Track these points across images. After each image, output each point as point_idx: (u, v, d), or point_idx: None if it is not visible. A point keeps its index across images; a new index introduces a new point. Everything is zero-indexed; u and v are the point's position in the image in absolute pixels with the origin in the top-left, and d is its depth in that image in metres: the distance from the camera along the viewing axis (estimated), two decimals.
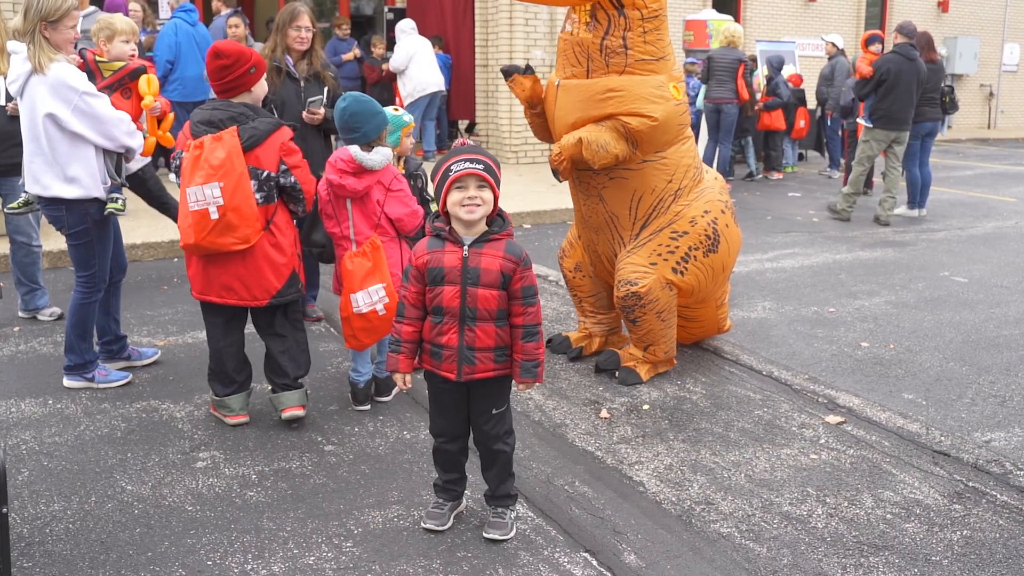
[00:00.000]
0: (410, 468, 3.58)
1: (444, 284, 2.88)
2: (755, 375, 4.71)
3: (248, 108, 3.75)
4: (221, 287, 3.77)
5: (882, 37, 10.64)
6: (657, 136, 4.19)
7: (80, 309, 4.25)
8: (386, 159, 3.91)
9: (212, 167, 3.56)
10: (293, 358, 3.95)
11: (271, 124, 3.73)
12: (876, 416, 4.18)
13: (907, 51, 8.90)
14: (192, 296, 3.92)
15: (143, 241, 7.12)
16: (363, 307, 3.82)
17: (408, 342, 2.97)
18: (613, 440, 3.87)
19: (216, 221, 3.59)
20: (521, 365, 2.92)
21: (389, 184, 3.95)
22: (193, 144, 3.64)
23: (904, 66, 8.82)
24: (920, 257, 7.64)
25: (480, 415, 3.03)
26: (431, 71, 11.24)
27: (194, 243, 3.64)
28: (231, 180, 3.57)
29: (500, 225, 2.93)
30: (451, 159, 2.86)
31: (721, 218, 4.49)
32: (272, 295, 3.80)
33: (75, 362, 4.32)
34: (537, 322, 2.93)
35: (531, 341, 2.92)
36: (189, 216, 3.62)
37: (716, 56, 10.97)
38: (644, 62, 4.13)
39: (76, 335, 4.27)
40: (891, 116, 8.91)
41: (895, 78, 8.79)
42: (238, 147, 3.60)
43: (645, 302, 4.35)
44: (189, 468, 3.57)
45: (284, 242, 3.82)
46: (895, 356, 5.09)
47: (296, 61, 5.00)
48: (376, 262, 3.85)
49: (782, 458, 3.75)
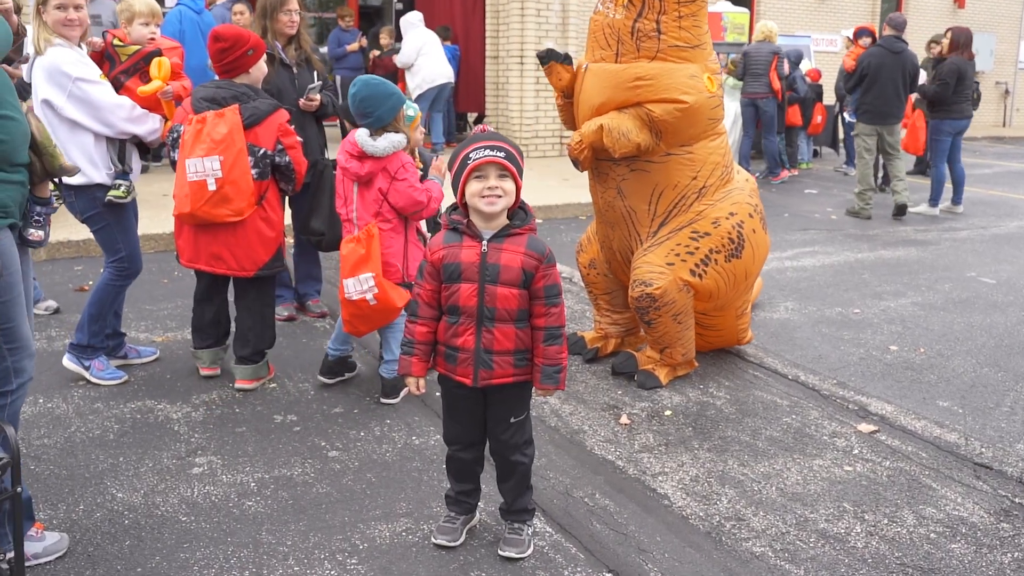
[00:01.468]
0: (419, 477, 3.37)
1: (461, 281, 2.66)
2: (780, 379, 4.49)
3: (250, 89, 3.97)
4: (211, 256, 3.97)
5: (871, 31, 10.45)
6: (683, 127, 3.95)
7: (103, 289, 4.14)
8: (393, 146, 3.75)
9: (214, 141, 3.75)
10: (258, 334, 4.15)
11: (271, 105, 3.97)
12: (911, 425, 3.95)
13: (892, 44, 8.73)
14: (180, 263, 4.10)
15: (144, 233, 6.89)
16: (353, 294, 3.76)
17: (422, 343, 2.75)
18: (634, 448, 3.65)
19: (213, 193, 3.78)
20: (542, 370, 2.70)
21: (395, 173, 3.78)
22: (196, 118, 3.81)
23: (887, 59, 8.66)
24: (944, 257, 7.39)
25: (497, 423, 2.81)
26: (439, 63, 11.00)
27: (189, 212, 3.82)
28: (231, 154, 3.76)
29: (522, 219, 2.71)
30: (470, 146, 2.64)
31: (748, 222, 4.24)
32: (259, 267, 4.02)
33: (80, 341, 4.16)
34: (560, 324, 2.71)
35: (553, 344, 2.70)
36: (187, 186, 3.80)
37: (751, 51, 10.82)
38: (678, 49, 3.89)
39: (90, 314, 4.13)
40: (875, 110, 8.85)
41: (876, 72, 8.66)
42: (239, 124, 3.80)
43: (660, 304, 4.12)
44: (184, 474, 3.36)
45: (274, 218, 4.04)
46: (926, 361, 4.86)
47: (283, 47, 4.81)
48: (369, 250, 3.75)
49: (814, 469, 3.52)
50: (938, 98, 8.89)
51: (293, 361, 4.57)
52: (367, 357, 4.65)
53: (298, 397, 4.11)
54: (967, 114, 9.10)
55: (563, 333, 2.72)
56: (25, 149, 2.64)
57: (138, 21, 4.23)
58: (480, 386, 2.70)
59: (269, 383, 4.25)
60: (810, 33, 16.62)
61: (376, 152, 3.73)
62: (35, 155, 2.71)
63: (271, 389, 4.19)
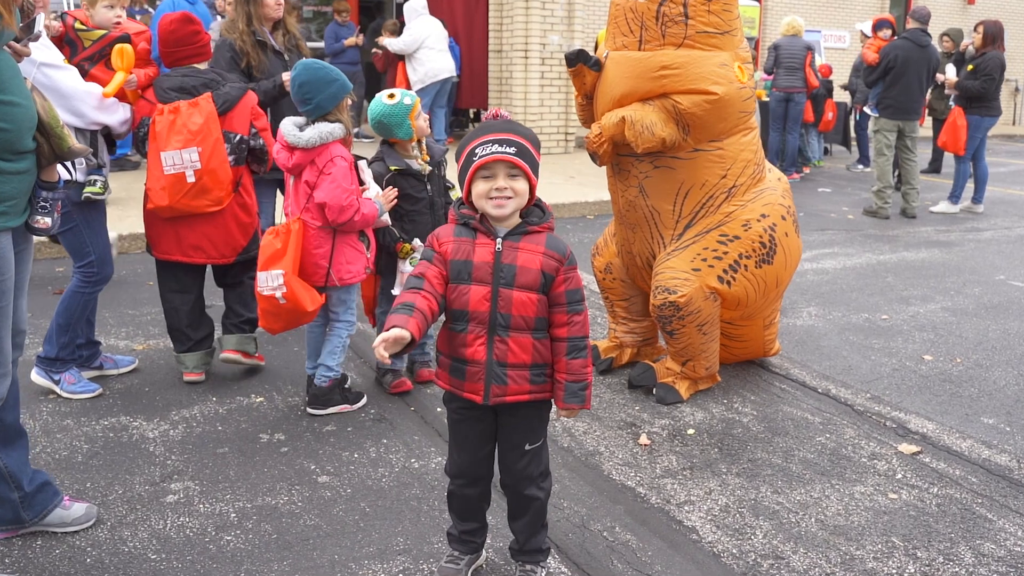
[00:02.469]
0: (419, 507, 3.02)
1: (471, 282, 2.30)
2: (810, 393, 4.15)
3: (217, 74, 3.89)
4: (189, 247, 3.86)
5: (891, 22, 10.10)
6: (712, 121, 3.60)
7: (71, 298, 3.81)
8: (321, 137, 3.47)
9: (191, 132, 3.64)
10: (244, 302, 4.08)
11: (240, 89, 3.88)
12: (956, 445, 3.61)
13: (918, 37, 8.39)
14: (153, 256, 3.94)
15: (130, 232, 6.56)
16: (263, 289, 3.53)
17: (421, 310, 2.23)
18: (656, 473, 3.31)
19: (192, 184, 3.67)
20: (566, 387, 2.35)
21: (323, 166, 3.50)
22: (168, 108, 3.68)
23: (914, 53, 8.32)
24: (970, 259, 7.04)
25: (510, 450, 2.45)
26: (443, 56, 10.59)
27: (167, 205, 3.70)
28: (208, 144, 3.66)
29: (539, 216, 2.37)
30: (477, 139, 2.29)
31: (781, 225, 3.89)
32: (239, 252, 3.94)
33: (48, 354, 3.84)
34: (585, 334, 2.36)
35: (578, 357, 2.35)
36: (163, 179, 3.67)
37: (783, 44, 10.51)
38: (706, 35, 3.53)
39: (58, 324, 3.81)
40: (898, 105, 8.52)
41: (903, 65, 8.30)
42: (215, 113, 3.70)
43: (685, 313, 3.78)
44: (157, 503, 3.01)
45: (250, 202, 3.97)
46: (964, 372, 4.51)
47: (271, 32, 4.50)
48: (285, 246, 3.51)
49: (856, 497, 3.18)
50: (982, 93, 8.52)
51: (283, 372, 4.23)
52: (363, 368, 4.31)
53: (287, 413, 3.77)
54: (1000, 110, 8.78)
55: (588, 344, 2.38)
56: (31, 136, 2.46)
57: (102, 4, 3.84)
58: (492, 404, 2.34)
59: (256, 397, 3.92)
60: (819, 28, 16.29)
61: (299, 143, 3.46)
62: (42, 137, 2.52)
63: (257, 404, 3.85)
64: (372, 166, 3.79)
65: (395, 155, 3.82)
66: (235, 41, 4.45)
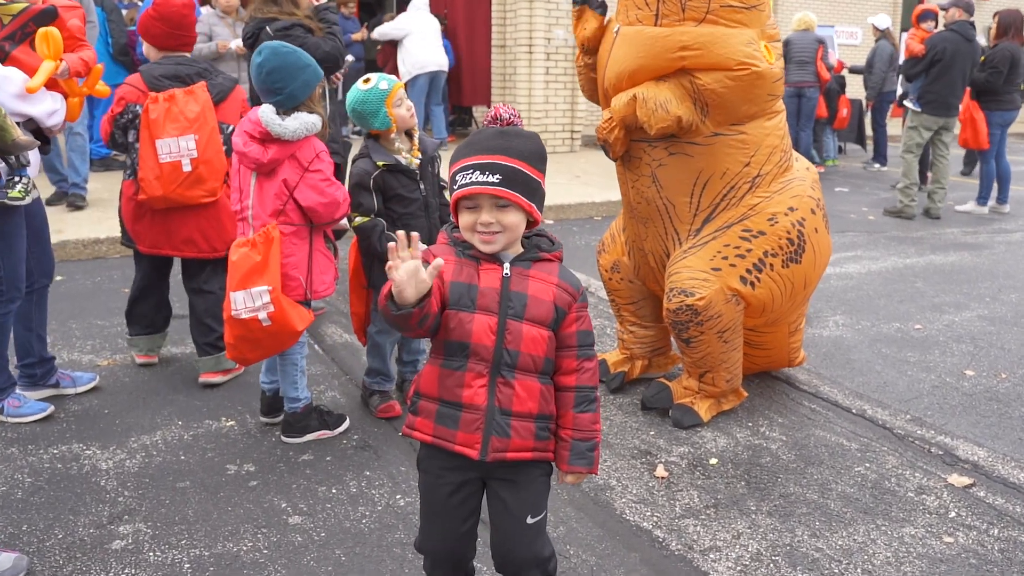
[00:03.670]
0: (402, 554, 2.61)
1: (475, 310, 1.87)
2: (843, 414, 3.73)
3: (209, 65, 3.84)
4: (181, 241, 3.75)
5: (935, 13, 9.64)
6: (735, 102, 3.18)
7: None
8: (306, 128, 3.05)
9: (188, 120, 3.55)
10: (215, 315, 3.86)
11: (231, 80, 3.81)
12: (1012, 476, 3.20)
13: (965, 30, 7.93)
14: (138, 250, 3.83)
15: (107, 236, 6.17)
16: (242, 311, 3.04)
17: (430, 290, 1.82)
18: (676, 512, 2.90)
19: (188, 174, 3.56)
20: (572, 446, 1.93)
21: (308, 163, 3.08)
22: (163, 96, 3.57)
23: (962, 46, 7.87)
24: (1003, 262, 6.61)
25: (508, 525, 1.96)
26: (432, 49, 10.31)
27: (161, 195, 3.58)
28: (204, 133, 3.57)
29: (548, 245, 1.97)
30: (460, 160, 1.86)
31: (810, 220, 3.48)
32: (228, 245, 3.64)
33: None
34: (595, 384, 1.95)
35: (587, 411, 1.94)
36: (158, 167, 3.55)
37: (795, 39, 10.17)
38: (731, 9, 3.11)
39: None
40: (941, 100, 8.05)
41: (951, 59, 7.84)
42: (210, 102, 3.62)
43: (703, 319, 3.36)
44: (101, 550, 2.61)
45: None
46: (1011, 389, 4.09)
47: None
48: (266, 258, 3.04)
49: (906, 542, 2.76)
50: (989, 87, 8.10)
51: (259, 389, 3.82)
52: (348, 386, 3.91)
53: (259, 439, 3.37)
54: (1017, 104, 8.33)
55: (597, 397, 1.97)
56: None
57: None
58: (489, 460, 1.89)
59: (226, 420, 3.52)
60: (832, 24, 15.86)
61: (283, 133, 3.02)
62: None
63: (227, 429, 3.45)
64: (357, 163, 3.36)
65: (381, 150, 3.38)
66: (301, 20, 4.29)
